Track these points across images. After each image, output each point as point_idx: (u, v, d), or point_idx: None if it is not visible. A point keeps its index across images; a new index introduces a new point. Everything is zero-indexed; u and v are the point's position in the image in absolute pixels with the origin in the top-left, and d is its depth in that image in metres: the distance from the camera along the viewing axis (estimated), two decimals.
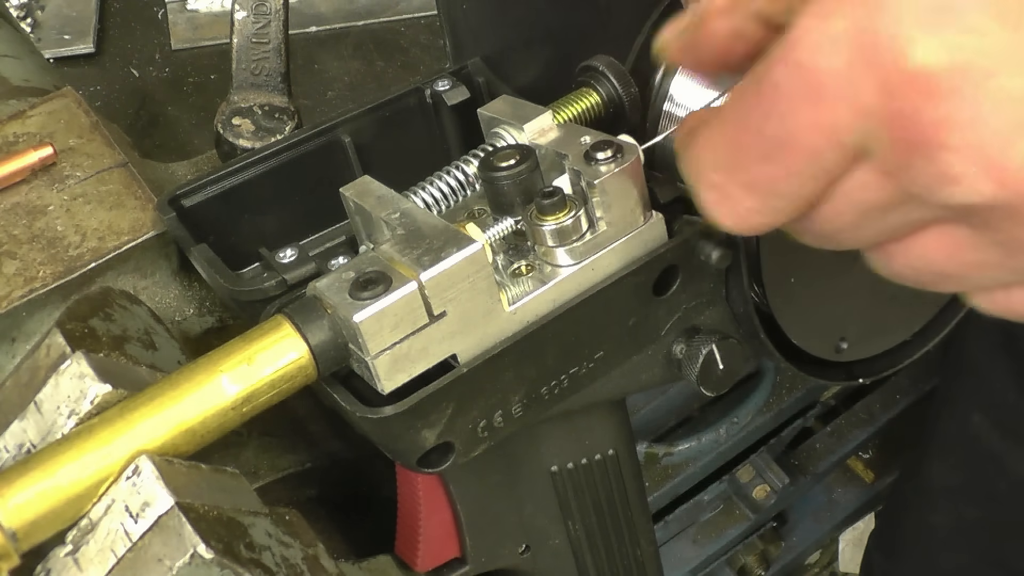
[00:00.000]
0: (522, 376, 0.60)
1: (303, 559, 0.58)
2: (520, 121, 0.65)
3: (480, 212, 0.65)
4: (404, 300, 0.54)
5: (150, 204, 0.74)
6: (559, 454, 0.69)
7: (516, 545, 0.71)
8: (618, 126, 0.71)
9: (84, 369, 0.57)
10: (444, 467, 0.60)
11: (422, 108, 0.76)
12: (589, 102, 0.70)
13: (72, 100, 0.81)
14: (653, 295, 0.63)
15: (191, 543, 0.51)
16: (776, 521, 1.30)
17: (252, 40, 0.89)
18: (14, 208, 0.73)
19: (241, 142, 0.84)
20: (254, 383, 0.55)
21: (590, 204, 0.59)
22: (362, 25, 2.07)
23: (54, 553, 0.54)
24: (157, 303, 0.76)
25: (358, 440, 0.78)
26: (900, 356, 0.83)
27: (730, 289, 0.67)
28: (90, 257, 0.71)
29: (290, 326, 0.56)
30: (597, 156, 0.59)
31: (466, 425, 0.59)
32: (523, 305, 0.59)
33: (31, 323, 0.70)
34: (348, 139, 0.73)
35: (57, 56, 1.99)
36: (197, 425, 0.55)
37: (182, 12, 2.09)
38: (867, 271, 0.53)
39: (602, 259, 0.60)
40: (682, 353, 0.67)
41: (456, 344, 0.57)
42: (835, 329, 0.75)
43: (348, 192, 0.63)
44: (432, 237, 0.56)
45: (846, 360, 0.78)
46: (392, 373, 0.56)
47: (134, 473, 0.53)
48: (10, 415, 0.59)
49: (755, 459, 1.18)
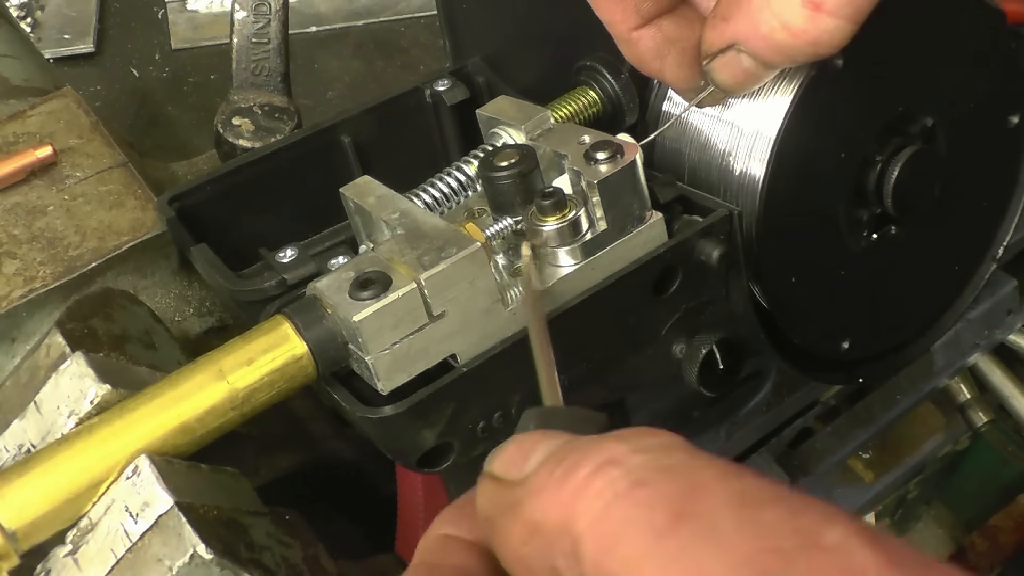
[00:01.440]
0: (522, 376, 0.60)
1: (303, 559, 0.58)
2: (519, 121, 0.65)
3: (480, 212, 0.65)
4: (404, 300, 0.54)
5: (150, 204, 0.74)
6: None
7: None
8: (617, 125, 0.71)
9: (84, 369, 0.57)
10: (444, 467, 0.60)
11: (422, 108, 0.76)
12: (588, 101, 0.70)
13: (72, 100, 0.81)
14: (653, 295, 0.63)
15: (191, 543, 0.51)
16: None
17: (252, 40, 0.89)
18: (14, 208, 0.73)
19: (241, 142, 0.84)
20: (254, 383, 0.55)
21: (590, 204, 0.59)
22: (362, 25, 2.06)
23: (54, 553, 0.54)
24: (157, 303, 0.76)
25: (358, 440, 0.78)
26: (900, 356, 0.83)
27: (730, 289, 0.67)
28: (90, 257, 0.71)
29: (290, 326, 0.56)
30: (597, 156, 0.59)
31: (466, 425, 0.59)
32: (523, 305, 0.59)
33: (31, 323, 0.70)
34: (348, 139, 0.73)
35: (57, 56, 1.99)
36: (197, 425, 0.55)
37: (182, 12, 2.09)
38: (867, 271, 0.53)
39: (602, 259, 0.60)
40: (682, 353, 0.67)
41: (456, 344, 0.57)
42: (835, 329, 0.75)
43: (348, 192, 0.63)
44: (432, 237, 0.56)
45: (846, 360, 0.78)
46: (392, 373, 0.56)
47: (134, 473, 0.53)
48: (10, 415, 0.59)
49: (755, 459, 1.17)
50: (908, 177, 0.69)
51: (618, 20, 0.58)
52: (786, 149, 0.64)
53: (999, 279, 1.08)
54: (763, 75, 0.58)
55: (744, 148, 0.66)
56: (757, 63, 0.56)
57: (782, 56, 0.56)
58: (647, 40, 0.59)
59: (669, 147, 0.70)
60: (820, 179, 0.68)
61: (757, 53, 0.56)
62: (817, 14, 0.53)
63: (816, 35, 0.53)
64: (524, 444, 0.40)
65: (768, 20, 0.54)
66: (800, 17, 0.53)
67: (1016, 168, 0.80)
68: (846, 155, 0.68)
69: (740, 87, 0.59)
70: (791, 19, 0.53)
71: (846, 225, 0.70)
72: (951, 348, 1.13)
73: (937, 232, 0.77)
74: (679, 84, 0.61)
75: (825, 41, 0.54)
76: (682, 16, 0.59)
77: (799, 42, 0.54)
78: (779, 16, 0.53)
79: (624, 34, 0.59)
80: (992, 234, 0.82)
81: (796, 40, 0.54)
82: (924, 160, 0.70)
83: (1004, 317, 1.11)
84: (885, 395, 1.26)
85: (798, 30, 0.53)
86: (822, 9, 0.53)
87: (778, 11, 0.53)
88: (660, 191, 0.64)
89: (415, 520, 0.68)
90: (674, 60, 0.59)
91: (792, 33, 0.54)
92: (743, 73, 0.57)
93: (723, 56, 0.57)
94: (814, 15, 0.53)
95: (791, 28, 0.54)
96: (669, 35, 0.59)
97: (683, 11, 0.59)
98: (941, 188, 0.73)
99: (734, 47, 0.56)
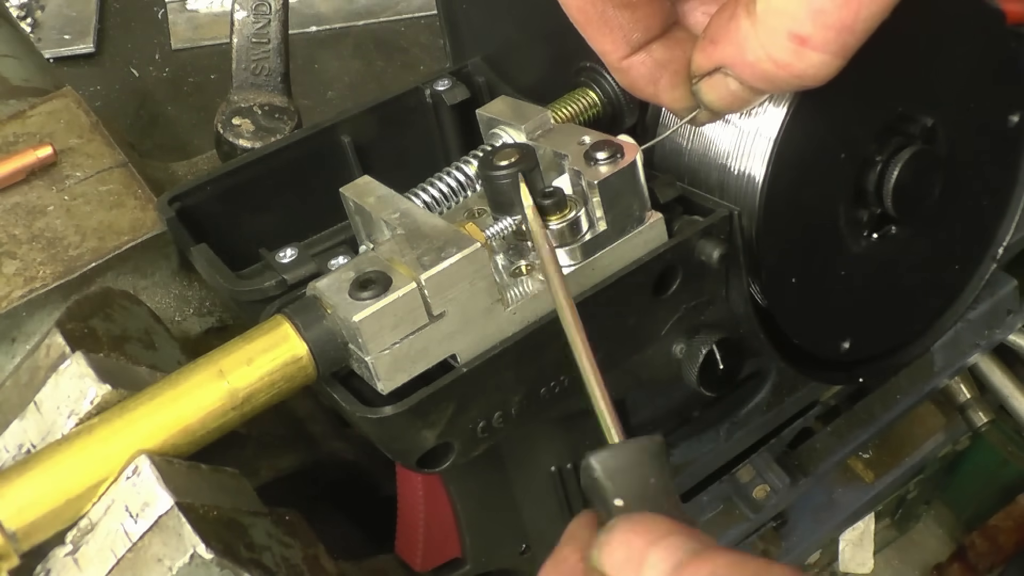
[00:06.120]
0: (522, 376, 0.60)
1: (303, 559, 0.58)
2: (519, 121, 0.65)
3: (480, 212, 0.65)
4: (404, 300, 0.54)
5: (150, 204, 0.74)
6: (558, 454, 0.69)
7: (516, 545, 0.71)
8: (617, 127, 0.71)
9: (84, 369, 0.57)
10: (444, 467, 0.60)
11: (422, 108, 0.76)
12: (588, 103, 0.70)
13: (72, 100, 0.81)
14: (653, 295, 0.63)
15: (191, 543, 0.51)
16: (776, 521, 1.30)
17: (252, 40, 0.89)
18: (14, 208, 0.73)
19: (241, 142, 0.84)
20: (254, 383, 0.55)
21: (590, 204, 0.59)
22: (362, 25, 2.06)
23: (54, 553, 0.54)
24: (157, 303, 0.76)
25: (358, 440, 0.78)
26: (900, 356, 0.83)
27: (730, 289, 0.67)
28: (90, 257, 0.71)
29: (290, 326, 0.56)
30: (597, 156, 0.59)
31: (466, 425, 0.59)
32: (523, 305, 0.59)
33: (31, 323, 0.70)
34: (348, 139, 0.73)
35: (57, 56, 1.99)
36: (197, 425, 0.55)
37: (182, 12, 2.09)
38: (867, 272, 0.53)
39: (602, 259, 0.60)
40: (682, 353, 0.67)
41: (456, 344, 0.57)
42: (835, 329, 0.75)
43: (348, 192, 0.63)
44: (432, 237, 0.56)
45: (846, 360, 0.78)
46: (392, 373, 0.56)
47: (134, 473, 0.53)
48: (10, 415, 0.59)
49: (755, 459, 1.17)
50: (908, 177, 0.69)
51: (609, 50, 0.59)
52: (786, 149, 0.64)
53: (999, 279, 1.08)
54: (751, 98, 0.57)
55: (744, 148, 0.66)
56: (744, 87, 0.56)
57: (767, 84, 0.55)
58: (638, 67, 0.59)
59: (669, 147, 0.70)
60: (820, 179, 0.68)
61: (743, 79, 0.56)
62: (802, 49, 0.52)
63: (801, 69, 0.53)
64: (634, 545, 0.43)
65: (755, 49, 0.53)
66: (785, 51, 0.53)
67: (1016, 168, 0.80)
68: (846, 155, 0.68)
69: (728, 108, 0.59)
70: (776, 52, 0.53)
71: (846, 225, 0.70)
72: (951, 348, 1.14)
73: (937, 232, 0.77)
74: (673, 105, 0.61)
75: (811, 75, 0.53)
76: (673, 39, 0.59)
77: (784, 74, 0.54)
78: (765, 47, 0.53)
79: (616, 63, 0.59)
80: (992, 234, 0.82)
81: (781, 72, 0.54)
82: (924, 160, 0.70)
83: (1004, 317, 1.11)
84: (885, 395, 1.26)
85: (783, 63, 0.53)
86: (807, 44, 0.52)
87: (764, 41, 0.53)
88: (660, 191, 0.64)
89: (415, 520, 0.68)
90: (667, 83, 0.59)
91: (777, 65, 0.53)
92: (730, 95, 0.57)
93: (710, 78, 0.57)
94: (799, 49, 0.52)
95: (775, 60, 0.53)
96: (660, 60, 0.59)
97: (674, 33, 0.59)
98: (941, 188, 0.73)
99: (721, 70, 0.56)
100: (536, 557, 0.72)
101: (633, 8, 0.57)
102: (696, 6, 0.60)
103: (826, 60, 0.53)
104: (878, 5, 0.51)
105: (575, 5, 0.57)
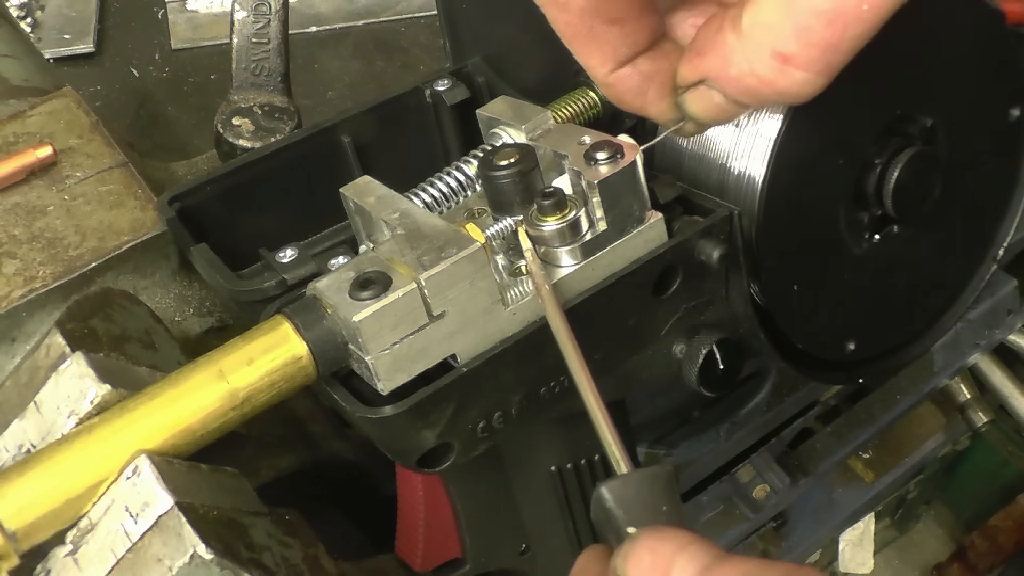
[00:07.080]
0: (522, 376, 0.60)
1: (303, 559, 0.58)
2: (519, 121, 0.65)
3: (480, 212, 0.65)
4: (404, 300, 0.54)
5: (150, 204, 0.74)
6: (559, 454, 0.69)
7: (516, 545, 0.71)
8: (616, 127, 0.71)
9: (84, 369, 0.57)
10: (444, 467, 0.60)
11: (422, 108, 0.76)
12: (588, 103, 0.70)
13: (72, 100, 0.81)
14: (653, 295, 0.63)
15: (191, 543, 0.51)
16: (776, 521, 1.30)
17: (252, 40, 0.89)
18: (14, 208, 0.73)
19: (241, 142, 0.84)
20: (254, 383, 0.55)
21: (590, 204, 0.59)
22: (362, 25, 2.06)
23: (54, 553, 0.54)
24: (157, 303, 0.76)
25: (358, 440, 0.78)
26: (900, 356, 0.83)
27: (730, 289, 0.67)
28: (90, 257, 0.71)
29: (290, 326, 0.56)
30: (597, 156, 0.59)
31: (466, 425, 0.59)
32: (523, 305, 0.59)
33: (31, 323, 0.70)
34: (348, 139, 0.73)
35: (57, 56, 1.99)
36: (197, 425, 0.55)
37: (182, 12, 2.09)
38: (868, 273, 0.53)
39: (602, 259, 0.60)
40: (682, 353, 0.67)
41: (456, 344, 0.57)
42: (835, 329, 0.75)
43: (348, 192, 0.63)
44: (432, 237, 0.56)
45: (846, 361, 0.78)
46: (392, 373, 0.56)
47: (134, 473, 0.53)
48: (10, 415, 0.59)
49: (755, 459, 1.17)
50: (908, 178, 0.69)
51: (596, 64, 0.58)
52: (786, 150, 0.64)
53: (999, 279, 1.08)
54: (736, 111, 0.57)
55: (744, 148, 0.66)
56: (728, 100, 0.56)
57: (751, 98, 0.55)
58: (625, 81, 0.59)
59: (669, 147, 0.70)
60: (820, 180, 0.68)
61: (726, 92, 0.55)
62: (786, 67, 0.52)
63: (784, 86, 0.53)
64: (661, 552, 0.44)
65: (739, 63, 0.53)
66: (768, 68, 0.52)
67: (1016, 168, 0.80)
68: (846, 156, 0.68)
69: (714, 120, 0.58)
70: (759, 68, 0.53)
71: (847, 227, 0.70)
72: (951, 348, 1.14)
73: (937, 233, 0.77)
74: (660, 117, 0.60)
75: (794, 93, 0.53)
76: (660, 51, 0.59)
77: (767, 91, 0.53)
78: (749, 62, 0.53)
79: (602, 78, 0.59)
80: (992, 234, 0.82)
81: (764, 88, 0.53)
82: (924, 161, 0.70)
83: (1004, 317, 1.11)
84: (885, 395, 1.26)
85: (766, 79, 0.53)
86: (791, 63, 0.52)
87: (748, 56, 0.53)
88: (660, 191, 0.64)
89: (415, 520, 0.68)
90: (654, 95, 0.59)
91: (761, 81, 0.53)
92: (715, 107, 0.57)
93: (695, 90, 0.57)
94: (782, 67, 0.52)
95: (759, 76, 0.53)
96: (647, 72, 0.58)
97: (661, 46, 0.59)
98: (941, 189, 0.73)
99: (706, 82, 0.56)
100: (536, 557, 0.72)
101: (622, 23, 0.56)
102: (685, 18, 0.60)
103: (809, 79, 0.52)
104: (865, 25, 0.51)
105: (562, 20, 0.56)
